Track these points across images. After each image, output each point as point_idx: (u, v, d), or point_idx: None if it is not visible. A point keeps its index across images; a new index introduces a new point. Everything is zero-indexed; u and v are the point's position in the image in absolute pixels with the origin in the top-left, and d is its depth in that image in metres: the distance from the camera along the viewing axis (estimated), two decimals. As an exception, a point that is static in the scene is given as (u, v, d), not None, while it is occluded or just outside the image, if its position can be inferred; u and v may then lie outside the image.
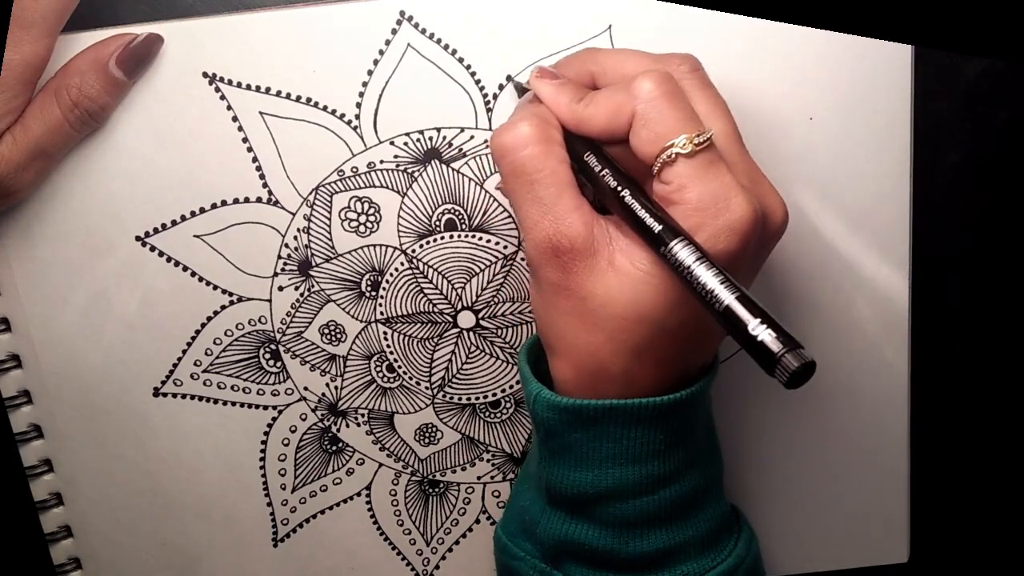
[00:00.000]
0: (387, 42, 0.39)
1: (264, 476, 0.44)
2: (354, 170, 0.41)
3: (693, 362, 0.36)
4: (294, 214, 0.41)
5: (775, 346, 0.28)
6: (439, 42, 0.39)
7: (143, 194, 0.40)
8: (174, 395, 0.43)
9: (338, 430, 0.44)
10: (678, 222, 0.32)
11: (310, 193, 0.41)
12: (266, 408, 0.43)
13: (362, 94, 0.40)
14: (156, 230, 0.41)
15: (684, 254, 0.31)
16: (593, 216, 0.34)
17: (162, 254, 0.41)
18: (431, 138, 0.40)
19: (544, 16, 0.39)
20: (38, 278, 0.41)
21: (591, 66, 0.37)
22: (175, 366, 0.43)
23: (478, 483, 0.45)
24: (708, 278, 0.30)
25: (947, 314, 0.47)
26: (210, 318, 0.42)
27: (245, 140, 0.40)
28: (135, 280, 0.41)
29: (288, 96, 0.40)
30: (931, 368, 0.47)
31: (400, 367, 0.43)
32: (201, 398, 0.43)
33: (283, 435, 0.44)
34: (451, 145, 0.41)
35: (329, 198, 0.41)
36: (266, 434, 0.44)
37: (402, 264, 0.42)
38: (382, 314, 0.43)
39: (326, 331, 0.43)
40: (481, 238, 0.42)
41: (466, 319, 0.43)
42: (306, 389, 0.43)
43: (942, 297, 0.47)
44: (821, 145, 0.41)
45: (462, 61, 0.40)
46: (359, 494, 0.45)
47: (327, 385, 0.43)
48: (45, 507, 0.44)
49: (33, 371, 0.42)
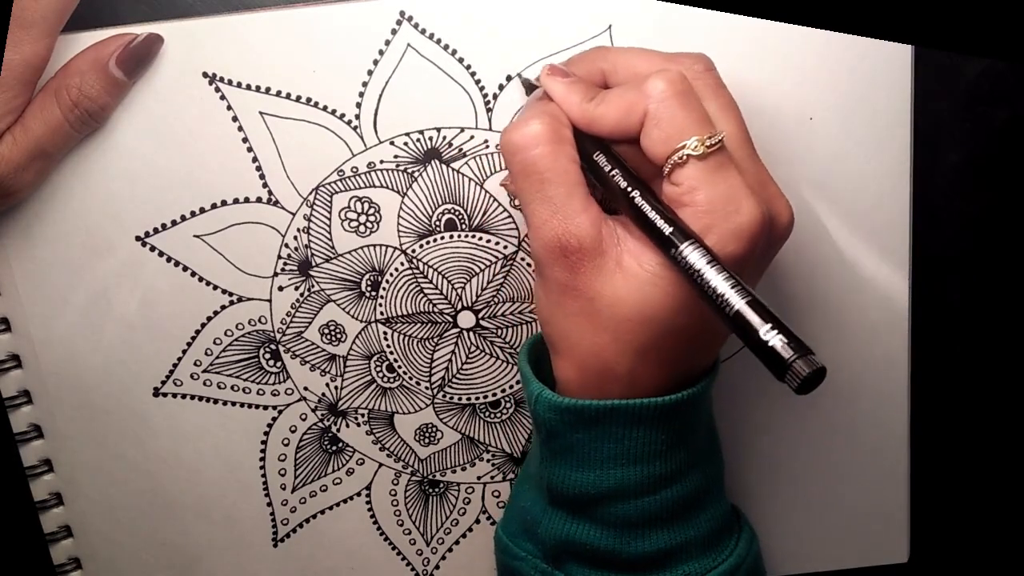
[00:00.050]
0: (387, 42, 0.39)
1: (264, 476, 0.44)
2: (354, 170, 0.41)
3: (696, 363, 0.36)
4: (294, 214, 0.41)
5: (786, 352, 0.28)
6: (439, 42, 0.39)
7: (143, 194, 0.40)
8: (174, 395, 0.43)
9: (338, 430, 0.44)
10: (688, 224, 0.32)
11: (310, 193, 0.41)
12: (266, 408, 0.43)
13: (362, 94, 0.40)
14: (156, 230, 0.41)
15: (695, 257, 0.31)
16: (602, 216, 0.34)
17: (162, 254, 0.41)
18: (431, 138, 0.40)
19: (544, 16, 0.39)
20: (38, 278, 0.41)
21: (602, 64, 0.36)
22: (175, 366, 0.43)
23: (478, 483, 0.45)
24: (719, 282, 0.30)
25: (947, 314, 0.47)
26: (210, 318, 0.42)
27: (245, 140, 0.40)
28: (135, 280, 0.41)
29: (288, 96, 0.40)
30: (931, 368, 0.47)
31: (400, 367, 0.43)
32: (201, 398, 0.43)
33: (283, 435, 0.44)
34: (451, 145, 0.41)
35: (329, 198, 0.41)
36: (266, 434, 0.44)
37: (402, 264, 0.42)
38: (382, 314, 0.43)
39: (326, 331, 0.43)
40: (481, 238, 0.42)
41: (466, 319, 0.43)
42: (306, 389, 0.43)
43: (942, 297, 0.47)
44: (821, 145, 0.41)
45: (462, 61, 0.40)
46: (359, 494, 0.45)
47: (327, 385, 0.43)
48: (45, 507, 0.44)
49: (33, 371, 0.42)
